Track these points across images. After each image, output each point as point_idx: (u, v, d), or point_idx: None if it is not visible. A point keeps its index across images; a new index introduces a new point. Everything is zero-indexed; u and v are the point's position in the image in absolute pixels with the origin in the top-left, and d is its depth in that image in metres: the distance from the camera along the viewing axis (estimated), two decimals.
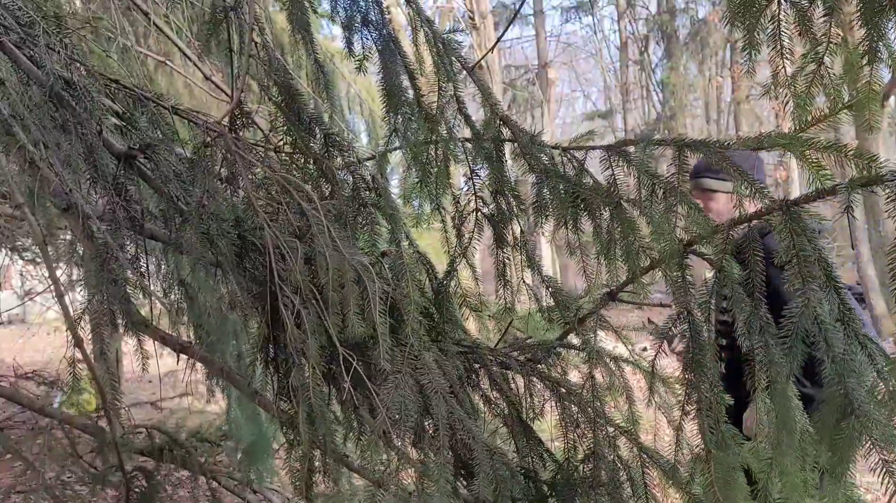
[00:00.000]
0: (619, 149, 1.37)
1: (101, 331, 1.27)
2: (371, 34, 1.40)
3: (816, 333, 1.20)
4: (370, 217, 1.40)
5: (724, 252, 1.32)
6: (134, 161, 1.27)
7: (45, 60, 1.27)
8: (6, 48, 1.30)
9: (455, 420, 1.42)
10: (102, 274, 1.18)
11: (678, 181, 1.31)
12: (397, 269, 1.37)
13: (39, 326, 7.34)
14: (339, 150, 1.41)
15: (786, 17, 1.21)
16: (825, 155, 1.15)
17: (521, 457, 1.52)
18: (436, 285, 1.51)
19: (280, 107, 1.36)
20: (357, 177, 1.43)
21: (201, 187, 1.23)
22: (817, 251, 1.19)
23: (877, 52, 1.12)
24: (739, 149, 1.31)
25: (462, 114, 1.44)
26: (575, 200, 1.38)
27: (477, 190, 1.49)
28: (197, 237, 1.20)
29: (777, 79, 1.27)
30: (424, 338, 1.40)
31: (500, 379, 1.47)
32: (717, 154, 1.30)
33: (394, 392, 1.33)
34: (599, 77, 23.79)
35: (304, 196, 1.23)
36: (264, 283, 1.32)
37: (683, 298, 1.35)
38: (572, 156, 1.36)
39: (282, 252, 1.26)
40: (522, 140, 1.32)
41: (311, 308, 1.32)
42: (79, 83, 1.26)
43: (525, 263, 1.45)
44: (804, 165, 1.20)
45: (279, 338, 1.40)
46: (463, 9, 12.66)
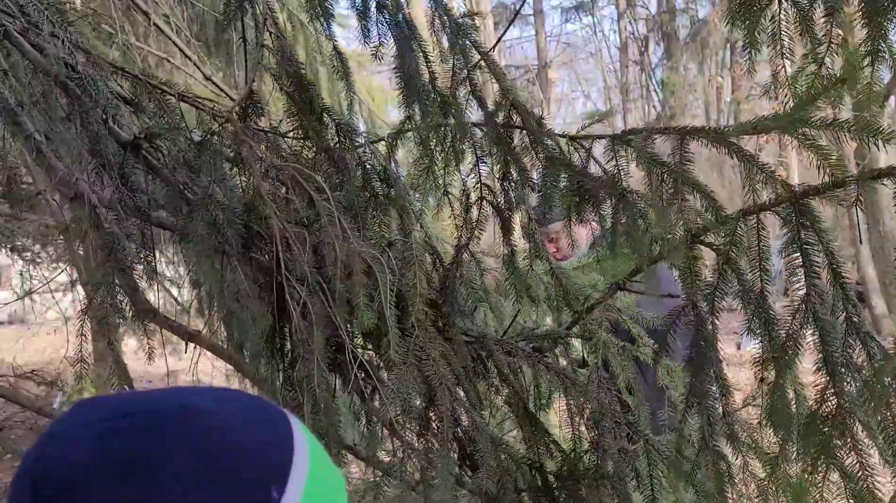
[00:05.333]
0: (624, 138, 1.37)
1: (107, 322, 1.27)
2: (386, 18, 1.40)
3: (813, 331, 1.21)
4: (381, 207, 1.40)
5: (732, 243, 1.32)
6: (140, 150, 1.27)
7: (50, 49, 1.27)
8: (11, 37, 1.30)
9: (460, 410, 1.42)
10: (110, 263, 1.18)
11: (681, 170, 1.31)
12: (404, 260, 1.37)
13: (39, 326, 7.33)
14: (351, 139, 1.41)
15: (786, 17, 1.21)
16: (824, 134, 1.15)
17: (526, 447, 1.52)
18: (442, 274, 1.51)
19: (292, 96, 1.36)
20: (368, 166, 1.44)
21: (208, 175, 1.22)
22: (825, 245, 1.19)
23: (879, 52, 1.12)
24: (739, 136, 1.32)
25: (475, 96, 1.44)
26: (580, 190, 1.38)
27: (483, 178, 1.50)
28: (204, 226, 1.20)
29: (777, 79, 1.27)
30: (430, 328, 1.40)
31: (507, 369, 1.47)
32: (717, 141, 1.30)
33: (399, 383, 1.33)
34: (599, 77, 23.80)
35: (314, 185, 1.23)
36: (271, 273, 1.32)
37: (689, 289, 1.35)
38: (580, 144, 1.37)
39: (289, 242, 1.26)
40: (531, 125, 1.32)
41: (317, 298, 1.32)
42: (83, 71, 1.26)
43: (533, 252, 1.45)
44: (806, 150, 1.20)
45: (285, 329, 1.40)
46: (463, 8, 12.67)
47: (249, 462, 0.54)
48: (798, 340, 1.23)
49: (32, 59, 1.28)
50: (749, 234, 1.29)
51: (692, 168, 1.31)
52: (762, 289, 1.30)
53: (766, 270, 1.29)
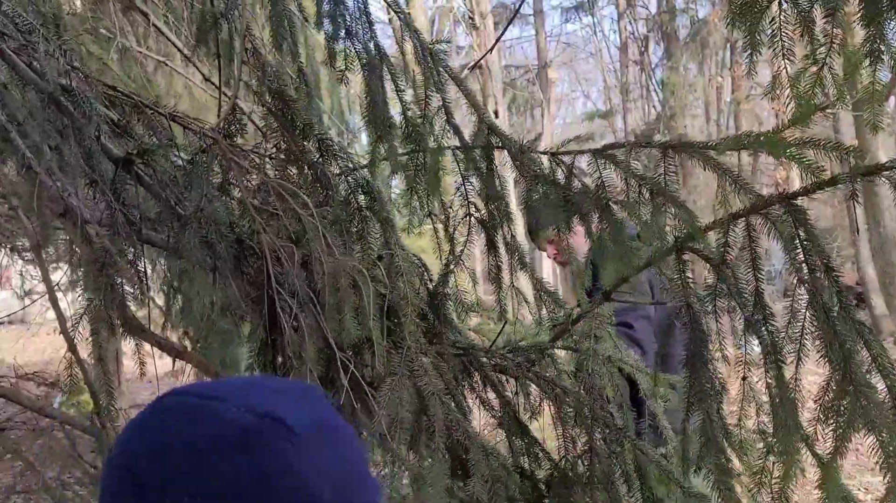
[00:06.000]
0: (605, 152, 1.39)
1: (99, 334, 1.28)
2: (355, 46, 1.42)
3: (824, 321, 1.21)
4: (365, 222, 1.41)
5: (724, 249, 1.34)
6: (132, 166, 1.29)
7: (45, 67, 1.28)
8: (5, 55, 1.31)
9: (451, 421, 1.43)
10: (100, 279, 1.19)
11: (665, 182, 1.32)
12: (393, 272, 1.38)
13: (39, 326, 7.34)
14: (334, 155, 1.42)
15: (786, 18, 1.21)
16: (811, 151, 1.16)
17: (515, 456, 1.53)
18: (431, 288, 1.53)
19: (273, 113, 1.37)
20: (351, 182, 1.45)
21: (198, 192, 1.24)
22: (817, 244, 1.21)
23: (879, 53, 1.12)
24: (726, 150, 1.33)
25: (451, 124, 1.45)
26: (566, 205, 1.40)
27: (469, 196, 1.51)
28: (196, 241, 1.21)
29: (778, 80, 1.28)
30: (421, 340, 1.41)
31: (496, 380, 1.49)
32: (701, 155, 1.31)
33: (390, 394, 1.34)
34: (599, 77, 23.77)
35: (300, 202, 1.24)
36: (262, 288, 1.34)
37: (682, 293, 1.36)
38: (561, 161, 1.38)
39: (278, 256, 1.28)
40: (511, 148, 1.34)
41: (309, 311, 1.34)
42: (77, 89, 1.27)
43: (517, 266, 1.47)
44: (796, 164, 1.21)
45: (277, 342, 1.42)
46: (463, 9, 12.66)
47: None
48: (796, 339, 1.25)
49: (25, 76, 1.30)
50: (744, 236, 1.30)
51: (677, 181, 1.33)
52: (757, 289, 1.31)
53: (759, 270, 1.31)
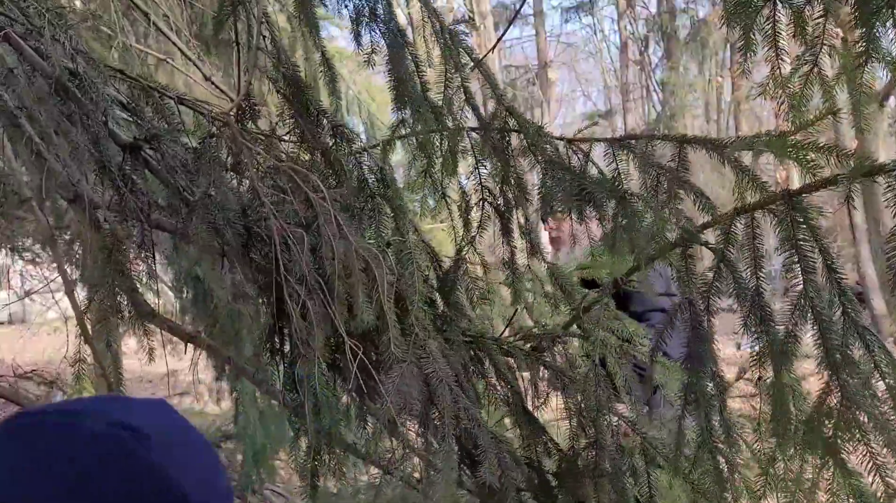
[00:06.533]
0: (623, 142, 1.39)
1: (107, 324, 1.28)
2: (378, 27, 1.42)
3: (812, 323, 1.21)
4: (377, 207, 1.41)
5: (727, 242, 1.33)
6: (140, 152, 1.28)
7: (51, 52, 1.27)
8: (12, 40, 1.31)
9: (460, 409, 1.42)
10: (109, 264, 1.19)
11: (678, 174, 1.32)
12: (402, 259, 1.38)
13: (40, 326, 7.34)
14: (347, 141, 1.42)
15: (780, 19, 1.22)
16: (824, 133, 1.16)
17: (524, 446, 1.52)
18: (441, 274, 1.52)
19: (288, 99, 1.37)
20: (364, 167, 1.44)
21: (207, 177, 1.23)
22: (818, 242, 1.21)
23: (872, 53, 1.12)
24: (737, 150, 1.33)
25: (469, 104, 1.45)
26: (580, 192, 1.39)
27: (483, 179, 1.51)
28: (204, 227, 1.21)
29: (773, 80, 1.28)
30: (429, 327, 1.40)
31: (505, 368, 1.48)
32: (715, 150, 1.32)
33: (399, 381, 1.34)
34: (599, 77, 23.80)
35: (311, 186, 1.23)
36: (270, 274, 1.33)
37: (686, 288, 1.36)
38: (578, 147, 1.38)
39: (287, 242, 1.27)
40: (529, 130, 1.34)
41: (317, 298, 1.33)
42: (84, 74, 1.26)
43: (530, 252, 1.47)
44: (798, 165, 1.22)
45: (285, 329, 1.41)
46: (463, 9, 12.66)
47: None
48: (797, 336, 1.25)
49: (32, 61, 1.29)
50: (745, 232, 1.30)
51: (689, 175, 1.33)
52: (758, 286, 1.31)
53: (760, 267, 1.30)
